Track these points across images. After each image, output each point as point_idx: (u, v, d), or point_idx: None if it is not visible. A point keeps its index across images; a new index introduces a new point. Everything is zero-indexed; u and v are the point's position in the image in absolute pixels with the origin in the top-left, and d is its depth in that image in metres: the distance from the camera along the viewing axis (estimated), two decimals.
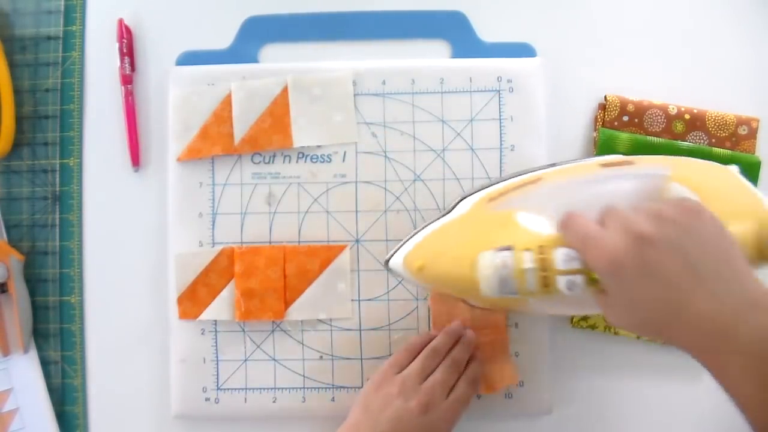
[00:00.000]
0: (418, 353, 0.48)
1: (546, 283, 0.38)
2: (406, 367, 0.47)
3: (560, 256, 0.38)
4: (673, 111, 0.52)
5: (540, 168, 0.46)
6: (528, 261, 0.38)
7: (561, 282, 0.37)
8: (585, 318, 0.52)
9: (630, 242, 0.35)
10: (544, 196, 0.44)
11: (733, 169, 0.45)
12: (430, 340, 0.48)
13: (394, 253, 0.46)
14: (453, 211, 0.47)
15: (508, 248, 0.39)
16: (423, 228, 0.47)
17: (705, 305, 0.34)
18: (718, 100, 0.53)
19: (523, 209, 0.42)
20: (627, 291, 0.36)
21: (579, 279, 0.37)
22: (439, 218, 0.47)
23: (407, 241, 0.46)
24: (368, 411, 0.45)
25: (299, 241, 0.52)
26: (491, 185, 0.47)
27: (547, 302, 0.43)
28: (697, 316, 0.34)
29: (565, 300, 0.39)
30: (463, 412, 0.47)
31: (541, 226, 0.41)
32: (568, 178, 0.45)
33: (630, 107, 0.52)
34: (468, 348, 0.48)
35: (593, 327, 0.52)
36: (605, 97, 0.53)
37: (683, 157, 0.46)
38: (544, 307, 0.44)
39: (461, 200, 0.47)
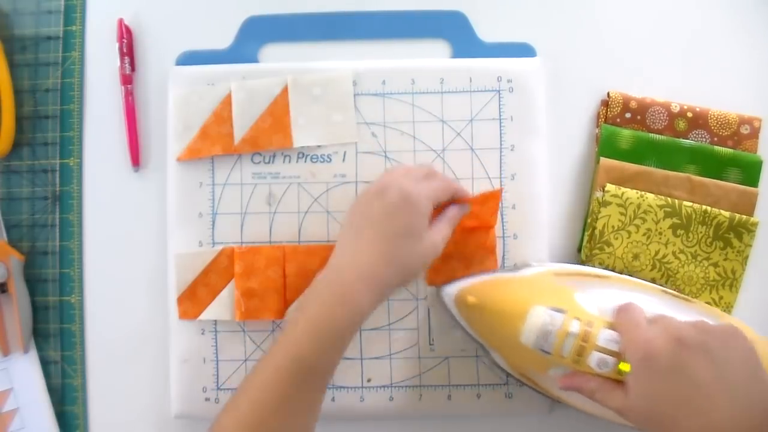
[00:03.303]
0: None
1: (580, 353, 0.41)
2: None
3: (603, 335, 0.41)
4: (675, 109, 0.52)
5: (608, 270, 0.50)
6: (574, 327, 0.42)
7: (594, 357, 0.41)
8: None
9: (670, 341, 0.39)
10: (607, 292, 0.47)
11: None
12: None
13: (450, 283, 0.49)
14: (518, 272, 0.49)
15: (561, 310, 0.43)
16: (485, 274, 0.49)
17: (728, 413, 0.37)
18: (721, 98, 0.53)
19: (584, 293, 0.46)
20: (652, 383, 0.39)
21: (611, 360, 0.41)
22: (503, 272, 0.50)
23: (466, 278, 0.49)
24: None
25: (299, 241, 0.52)
26: (559, 264, 0.51)
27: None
28: (719, 421, 0.37)
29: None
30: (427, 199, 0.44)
31: (594, 310, 0.44)
32: (634, 287, 0.48)
33: (632, 104, 0.52)
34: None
35: None
36: (608, 93, 0.53)
37: (737, 319, 0.49)
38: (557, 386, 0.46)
39: (527, 267, 0.50)
